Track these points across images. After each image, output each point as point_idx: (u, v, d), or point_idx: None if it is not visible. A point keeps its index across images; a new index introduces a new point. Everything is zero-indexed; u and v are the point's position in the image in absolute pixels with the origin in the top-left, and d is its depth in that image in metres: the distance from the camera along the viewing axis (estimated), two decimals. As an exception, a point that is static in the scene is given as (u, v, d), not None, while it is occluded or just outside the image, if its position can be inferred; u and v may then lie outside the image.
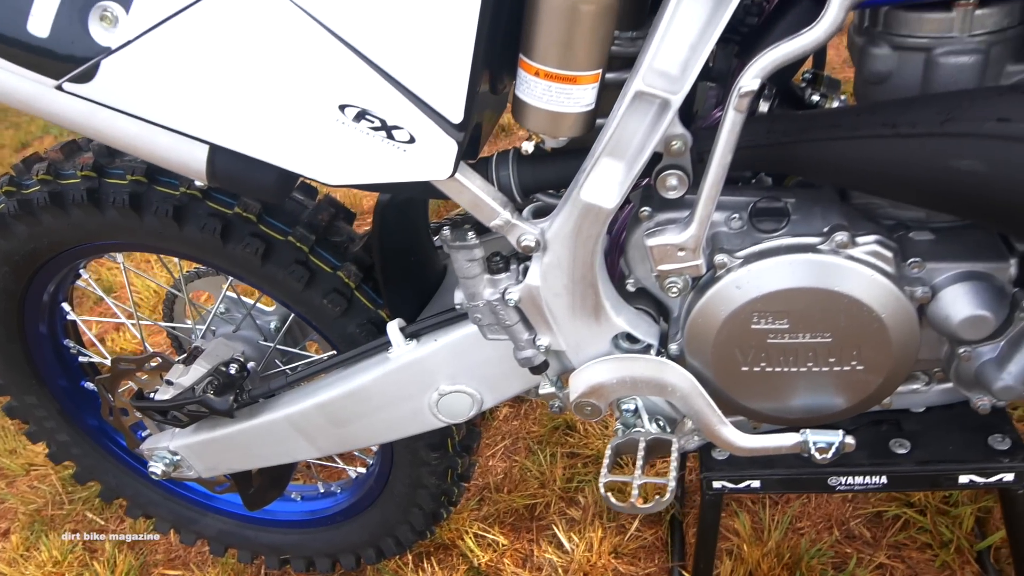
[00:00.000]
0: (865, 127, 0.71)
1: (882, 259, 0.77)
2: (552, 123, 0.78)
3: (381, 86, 0.74)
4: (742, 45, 0.83)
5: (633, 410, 0.94)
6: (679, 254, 0.80)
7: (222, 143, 0.77)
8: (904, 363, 0.82)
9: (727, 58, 0.87)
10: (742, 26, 0.85)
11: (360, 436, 1.09)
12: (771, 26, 0.78)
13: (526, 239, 0.84)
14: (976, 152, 0.65)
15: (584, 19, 0.72)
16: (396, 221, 1.01)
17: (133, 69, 0.74)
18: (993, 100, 0.66)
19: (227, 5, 0.71)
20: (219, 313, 1.34)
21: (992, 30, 0.74)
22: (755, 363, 0.84)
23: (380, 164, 0.78)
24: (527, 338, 0.92)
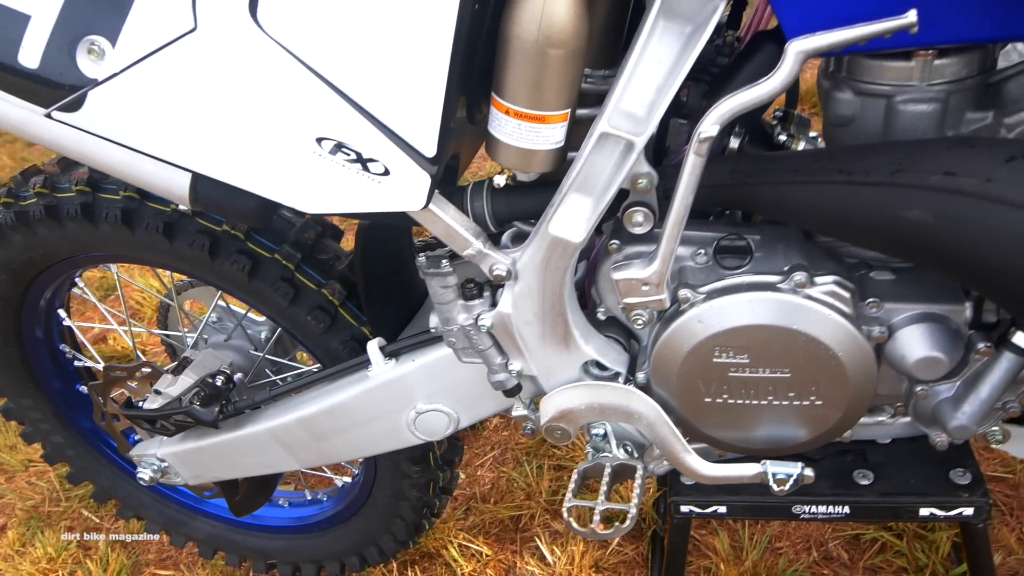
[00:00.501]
0: (822, 173, 0.74)
1: (839, 299, 0.80)
2: (523, 159, 0.81)
3: (357, 120, 0.77)
4: (711, 85, 0.86)
5: (602, 435, 0.97)
6: (643, 288, 0.83)
7: (204, 172, 0.81)
8: (862, 399, 0.84)
9: (699, 95, 0.89)
10: (713, 66, 0.88)
11: (340, 450, 1.12)
12: (737, 70, 0.81)
13: (498, 268, 0.87)
14: (923, 204, 0.68)
15: (552, 63, 0.75)
16: (378, 243, 1.04)
17: (118, 100, 0.78)
18: (941, 153, 0.69)
19: (209, 41, 0.74)
20: (211, 322, 1.38)
21: (951, 80, 0.76)
22: (717, 395, 0.87)
23: (356, 194, 0.81)
24: (500, 362, 0.95)
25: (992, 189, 0.65)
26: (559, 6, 0.72)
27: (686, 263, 0.87)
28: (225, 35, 0.74)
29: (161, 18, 0.74)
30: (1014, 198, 0.64)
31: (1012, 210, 0.64)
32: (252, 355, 1.35)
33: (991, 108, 0.80)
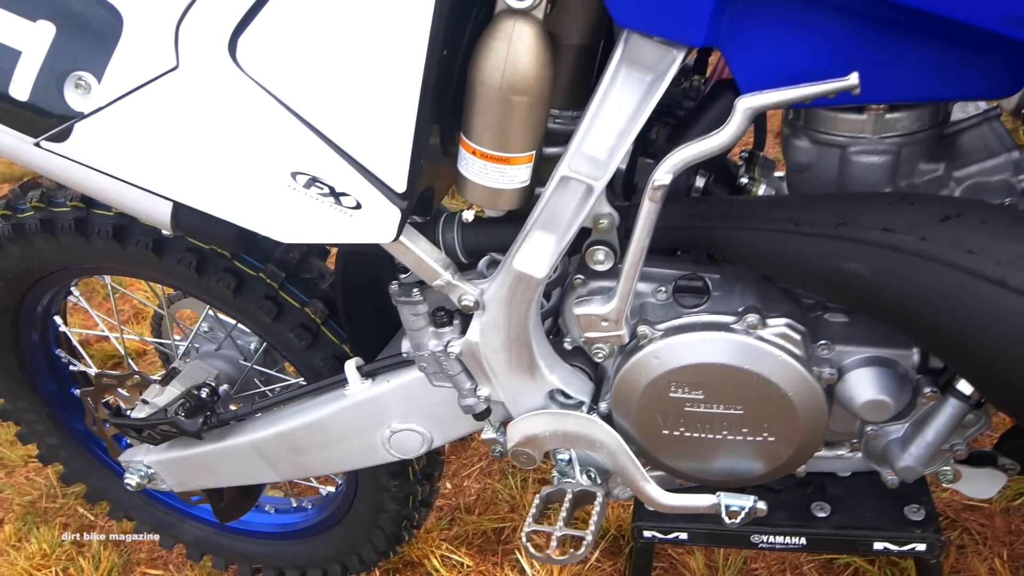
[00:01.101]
0: (772, 221, 0.77)
1: (790, 341, 0.83)
2: (490, 197, 0.85)
3: (330, 156, 0.81)
4: (674, 128, 0.89)
5: (567, 460, 1.01)
6: (603, 324, 0.86)
7: (184, 201, 0.85)
8: (814, 437, 0.87)
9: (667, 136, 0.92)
10: (679, 108, 0.91)
11: (318, 465, 1.16)
12: (697, 117, 0.84)
13: (466, 299, 0.91)
14: (863, 257, 0.71)
15: (516, 109, 0.78)
16: (358, 265, 1.08)
17: (104, 132, 0.82)
18: (882, 209, 0.72)
19: (190, 79, 0.78)
20: (202, 332, 1.42)
21: (902, 133, 0.80)
22: (674, 427, 0.90)
23: (329, 226, 0.85)
24: (469, 387, 0.99)
25: (925, 247, 0.68)
26: (523, 56, 0.76)
27: (647, 299, 0.90)
28: (205, 73, 0.78)
29: (145, 56, 0.79)
30: (945, 257, 0.67)
31: (943, 269, 0.67)
32: (241, 365, 1.39)
33: (943, 160, 0.83)
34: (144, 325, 2.35)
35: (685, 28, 0.71)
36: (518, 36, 0.75)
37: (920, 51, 0.68)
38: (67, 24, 0.79)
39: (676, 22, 0.70)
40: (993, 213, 0.69)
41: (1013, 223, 0.67)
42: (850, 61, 0.69)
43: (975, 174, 0.82)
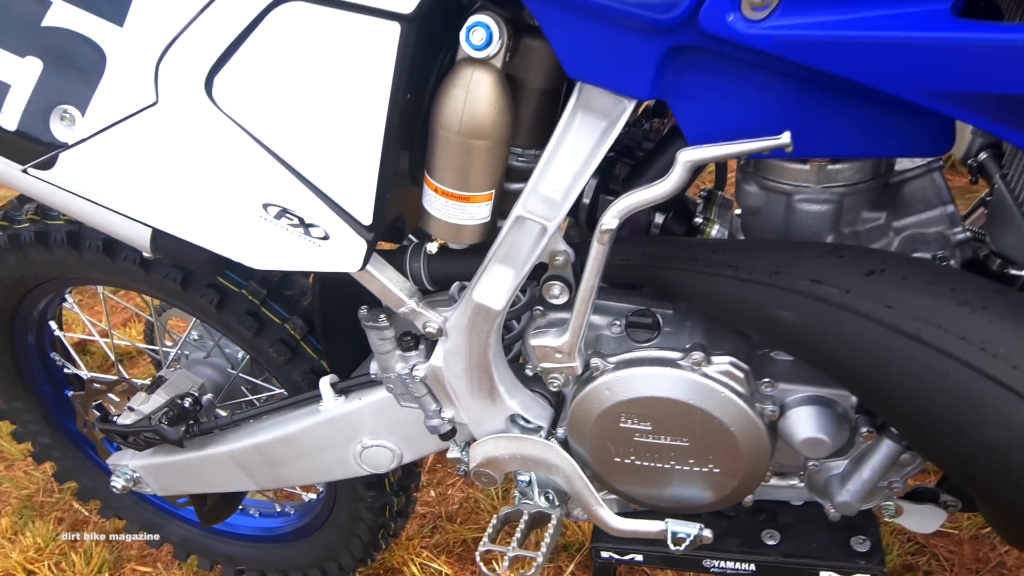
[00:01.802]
0: (714, 266, 0.81)
1: (733, 378, 0.87)
2: (452, 232, 0.89)
3: (300, 190, 0.86)
4: (632, 169, 0.93)
5: (527, 482, 1.05)
6: (556, 355, 0.91)
7: (162, 228, 0.90)
8: (757, 470, 0.91)
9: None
10: (638, 149, 0.96)
11: (293, 476, 1.22)
12: (650, 162, 0.88)
13: (430, 326, 0.95)
14: (793, 306, 0.75)
15: (475, 152, 0.83)
16: (334, 285, 1.13)
17: (87, 162, 0.87)
18: (813, 260, 0.76)
19: (168, 114, 0.84)
20: (192, 340, 1.48)
21: (844, 183, 0.83)
22: (625, 456, 0.95)
23: (298, 255, 0.90)
24: (434, 409, 1.03)
25: (849, 300, 0.72)
26: (480, 102, 0.80)
27: (602, 332, 0.94)
28: (183, 109, 0.84)
29: (126, 92, 0.84)
30: (866, 311, 0.71)
31: (864, 321, 0.71)
32: (229, 373, 1.45)
33: (885, 209, 0.86)
34: (142, 327, 2.41)
35: (631, 83, 0.75)
36: (476, 84, 0.80)
37: (853, 111, 0.72)
38: (54, 60, 0.84)
39: (622, 77, 0.75)
40: (915, 269, 0.73)
41: (932, 280, 0.71)
42: (787, 119, 0.73)
43: (913, 225, 0.85)
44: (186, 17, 0.80)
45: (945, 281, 0.71)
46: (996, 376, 0.67)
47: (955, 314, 0.69)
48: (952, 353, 0.68)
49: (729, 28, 0.66)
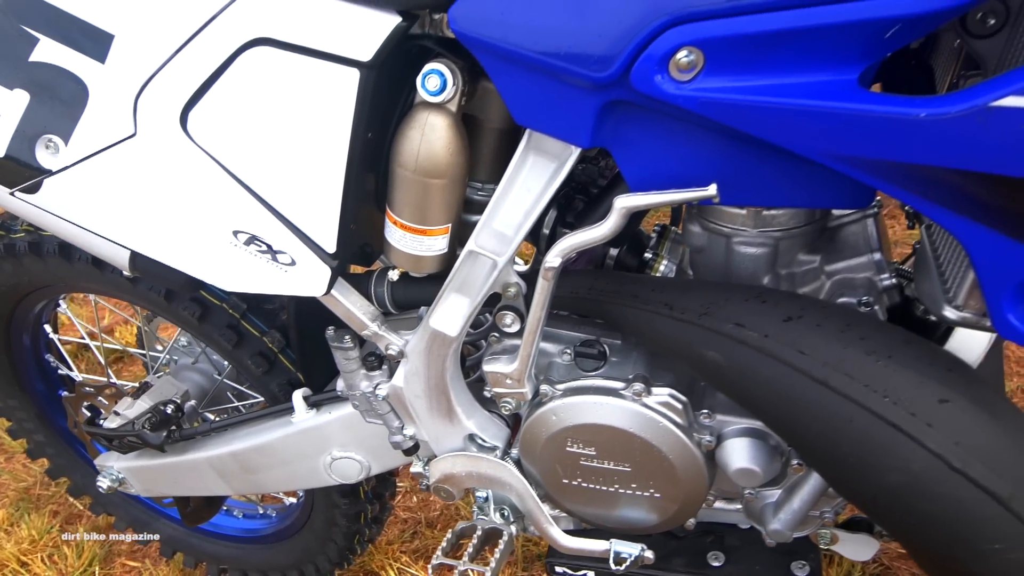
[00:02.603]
0: (652, 303, 0.86)
1: (672, 409, 0.92)
2: (411, 262, 0.95)
3: (268, 218, 0.92)
4: (585, 206, 0.98)
5: (485, 499, 1.11)
6: (507, 381, 0.96)
7: (139, 250, 0.96)
8: (695, 496, 0.96)
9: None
10: (593, 186, 1.01)
11: (267, 483, 1.28)
12: (600, 200, 0.93)
13: (391, 348, 1.01)
14: (718, 347, 0.80)
15: (431, 189, 0.88)
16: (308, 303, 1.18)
17: (69, 188, 0.94)
18: (739, 304, 0.81)
19: (145, 145, 0.90)
20: (181, 346, 1.54)
21: (779, 228, 0.88)
22: (572, 478, 1.00)
23: (266, 279, 0.96)
24: (397, 426, 1.09)
25: (767, 344, 0.77)
26: (435, 144, 0.86)
27: (554, 359, 1.00)
28: (159, 141, 0.90)
29: (107, 124, 0.90)
30: (782, 355, 0.76)
31: (780, 365, 0.76)
32: (215, 379, 1.51)
33: (820, 253, 0.91)
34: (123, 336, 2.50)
35: (573, 131, 0.80)
36: (431, 127, 0.86)
37: (776, 165, 0.77)
38: (40, 93, 0.90)
39: (565, 126, 0.80)
40: (830, 317, 0.78)
41: (845, 328, 0.76)
42: (716, 170, 0.78)
43: (843, 270, 0.90)
44: (163, 56, 0.86)
45: (856, 330, 0.76)
46: (896, 422, 0.71)
47: (862, 362, 0.74)
48: (856, 399, 0.73)
49: (657, 88, 0.71)
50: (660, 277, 0.96)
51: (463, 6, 0.76)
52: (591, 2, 0.71)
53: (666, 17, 0.68)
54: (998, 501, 0.70)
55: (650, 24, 0.69)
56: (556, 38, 0.73)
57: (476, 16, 0.76)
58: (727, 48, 0.68)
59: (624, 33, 0.70)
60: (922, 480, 0.71)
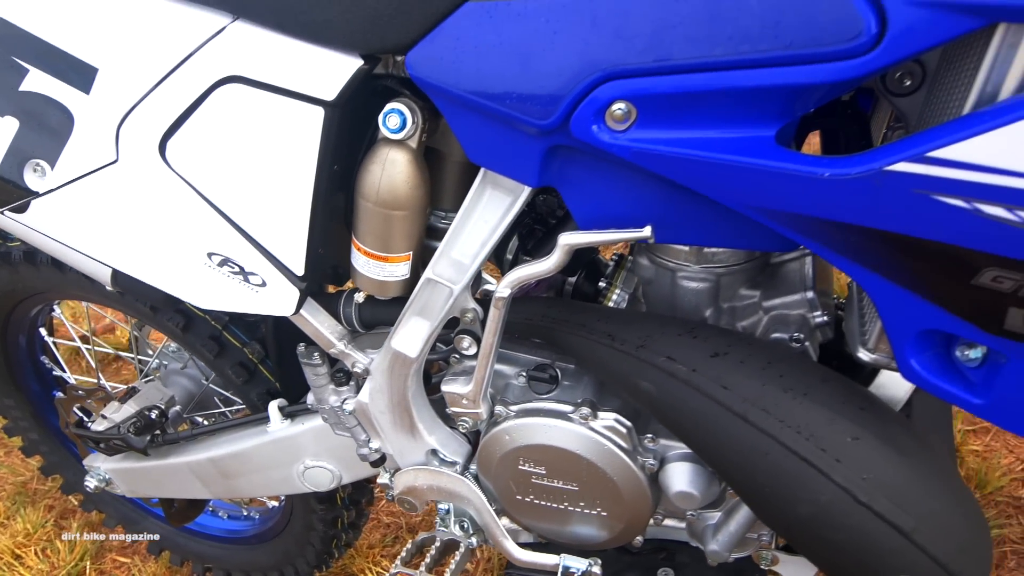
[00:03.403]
0: (595, 333, 0.92)
1: (617, 433, 0.97)
2: (375, 286, 1.01)
3: (241, 242, 0.98)
4: (544, 234, 1.04)
5: (446, 511, 1.17)
6: (463, 401, 1.02)
7: (120, 268, 1.03)
8: (640, 515, 1.02)
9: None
10: (552, 216, 1.06)
11: (243, 488, 1.34)
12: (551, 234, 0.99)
13: (357, 366, 1.07)
14: (651, 379, 0.85)
15: (392, 220, 0.94)
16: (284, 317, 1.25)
17: (55, 209, 1.00)
18: (672, 338, 0.86)
19: (126, 171, 0.96)
20: (171, 351, 1.61)
21: (720, 265, 0.94)
22: (525, 495, 1.05)
23: (238, 299, 1.02)
24: (363, 439, 1.15)
25: (694, 378, 0.82)
26: (396, 179, 0.91)
27: (510, 381, 1.05)
28: (139, 167, 0.96)
29: (90, 150, 0.96)
30: (706, 389, 0.81)
31: (705, 399, 0.81)
32: (202, 384, 1.58)
33: (760, 289, 0.96)
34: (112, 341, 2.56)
35: (521, 172, 0.86)
36: (391, 162, 0.91)
37: (708, 210, 0.82)
38: (28, 120, 0.97)
39: (514, 166, 0.86)
40: (753, 354, 0.83)
41: (766, 365, 0.81)
42: (654, 211, 0.84)
43: (779, 306, 0.95)
44: (144, 89, 0.92)
45: (776, 367, 0.81)
46: (806, 457, 0.77)
47: (778, 398, 0.79)
48: (771, 434, 0.78)
49: (594, 137, 0.76)
50: (607, 308, 1.01)
51: (420, 53, 0.82)
52: (534, 55, 0.77)
53: (600, 73, 0.74)
54: (902, 534, 0.75)
55: (586, 78, 0.74)
56: (503, 87, 0.79)
57: (432, 63, 0.82)
58: (656, 103, 0.73)
59: (563, 85, 0.76)
60: (830, 512, 0.76)
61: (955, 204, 0.62)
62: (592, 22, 0.73)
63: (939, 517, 0.76)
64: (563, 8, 0.74)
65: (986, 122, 0.59)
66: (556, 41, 0.75)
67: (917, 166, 0.62)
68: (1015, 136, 0.58)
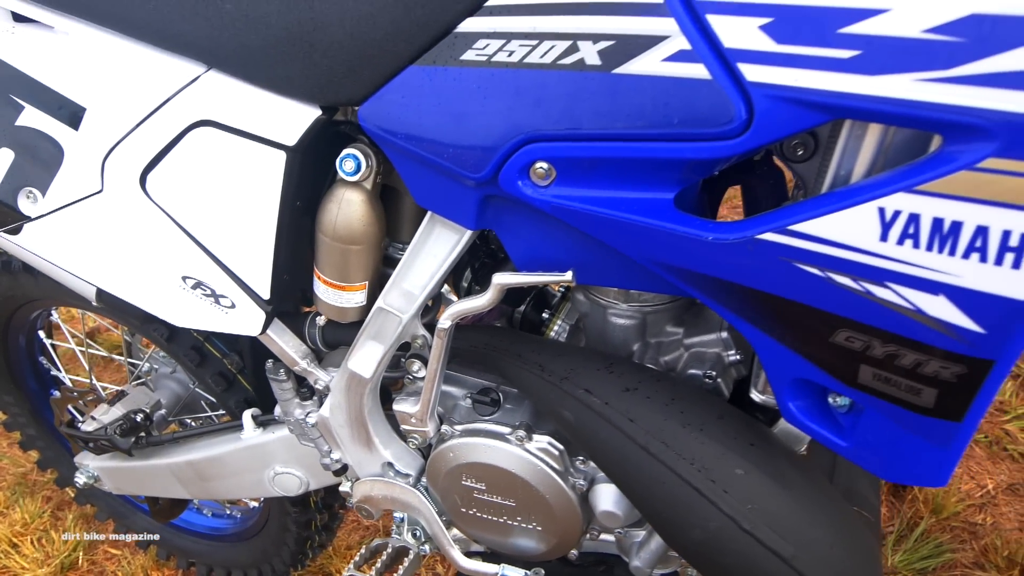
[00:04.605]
0: (527, 364, 1.02)
1: (549, 455, 1.07)
2: (335, 312, 1.12)
3: (212, 267, 1.08)
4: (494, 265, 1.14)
5: (401, 519, 1.27)
6: (412, 420, 1.12)
7: (103, 287, 1.14)
8: (571, 531, 1.12)
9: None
10: (501, 251, 1.16)
11: (219, 491, 1.45)
12: (498, 268, 1.09)
13: (318, 384, 1.18)
14: (571, 408, 0.95)
15: (348, 254, 1.04)
16: (262, 333, 1.36)
17: (45, 232, 1.11)
18: (591, 372, 0.96)
19: (110, 200, 1.07)
20: (161, 356, 1.72)
21: (646, 304, 1.03)
22: (469, 508, 1.16)
23: (210, 318, 1.13)
24: (326, 450, 1.26)
25: (606, 410, 0.92)
26: (351, 217, 1.02)
27: (459, 402, 1.16)
28: (122, 197, 1.07)
29: (78, 180, 1.08)
30: (616, 422, 0.91)
31: (614, 430, 0.91)
32: (190, 388, 1.69)
33: (684, 326, 1.06)
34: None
35: (460, 216, 0.96)
36: (347, 202, 1.02)
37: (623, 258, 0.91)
38: (23, 152, 1.08)
39: (454, 211, 0.96)
40: (660, 390, 0.92)
41: (669, 401, 0.91)
42: (578, 256, 0.93)
43: (697, 344, 1.04)
44: (127, 128, 1.03)
45: (679, 403, 0.91)
46: (698, 487, 0.86)
47: (677, 432, 0.88)
48: (669, 464, 0.87)
49: (519, 191, 0.86)
50: (542, 339, 1.11)
51: (370, 108, 0.92)
52: (468, 116, 0.87)
53: (523, 135, 0.83)
54: (782, 560, 0.85)
55: (511, 139, 0.84)
56: (442, 142, 0.89)
57: (380, 117, 0.92)
58: (571, 164, 0.83)
59: (492, 144, 0.85)
60: (718, 538, 0.86)
61: (812, 272, 0.71)
62: (516, 92, 0.83)
63: (819, 546, 0.86)
64: (492, 77, 0.84)
65: (834, 203, 0.68)
66: (486, 105, 0.85)
67: (781, 237, 0.72)
68: (855, 218, 0.67)
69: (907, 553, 1.75)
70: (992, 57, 0.58)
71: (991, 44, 0.57)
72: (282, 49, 0.92)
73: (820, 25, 0.64)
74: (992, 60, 0.58)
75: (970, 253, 0.63)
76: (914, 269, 0.65)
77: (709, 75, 0.71)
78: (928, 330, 0.67)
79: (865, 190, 0.67)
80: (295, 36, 0.91)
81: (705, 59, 0.70)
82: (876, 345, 0.71)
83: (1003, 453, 2.00)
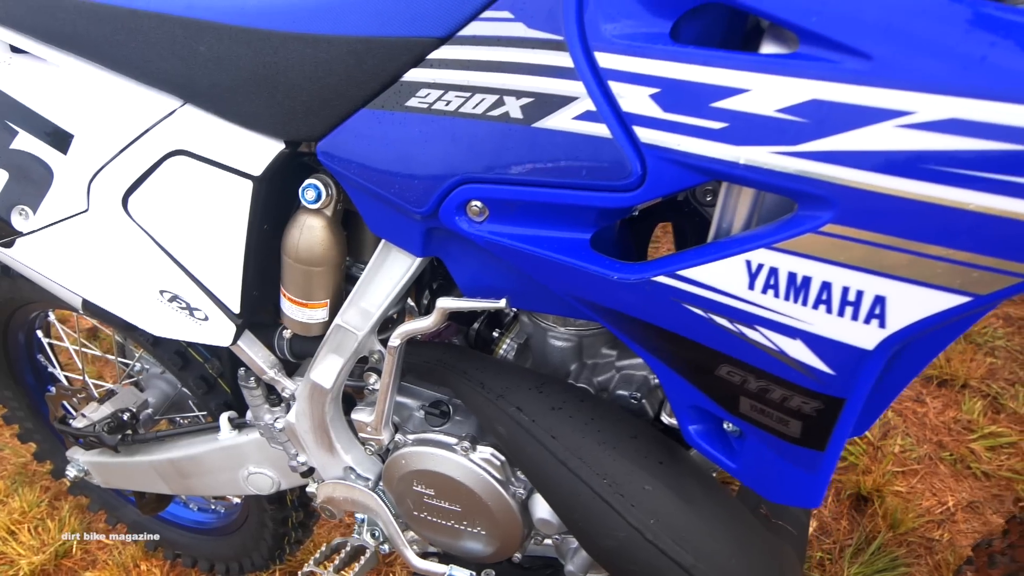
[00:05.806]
0: (470, 381, 1.12)
1: (492, 465, 1.17)
2: (299, 327, 1.22)
3: (187, 283, 1.20)
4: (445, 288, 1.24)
5: (362, 520, 1.38)
6: (368, 429, 1.23)
7: (88, 298, 1.26)
8: (513, 536, 1.22)
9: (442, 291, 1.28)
10: (457, 273, 1.26)
11: (197, 488, 1.57)
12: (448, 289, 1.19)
13: (285, 392, 1.29)
14: (504, 424, 1.05)
15: (310, 275, 1.15)
16: (240, 342, 1.47)
17: (36, 247, 1.23)
18: (524, 391, 1.06)
19: (94, 219, 1.18)
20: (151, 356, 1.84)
21: (582, 328, 1.13)
22: (420, 512, 1.26)
23: (186, 329, 1.24)
24: (293, 453, 1.37)
25: (533, 427, 1.02)
26: (312, 241, 1.12)
27: (413, 413, 1.26)
28: (106, 217, 1.18)
29: (66, 200, 1.19)
30: (540, 438, 1.01)
31: (539, 446, 1.01)
32: (178, 388, 1.81)
33: (617, 349, 1.16)
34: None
35: (409, 244, 1.06)
36: (308, 227, 1.12)
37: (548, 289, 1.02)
38: (16, 173, 1.20)
39: (403, 240, 1.06)
40: (581, 410, 1.02)
41: (589, 421, 1.01)
42: (511, 285, 1.03)
43: (627, 367, 1.14)
44: (111, 153, 1.15)
45: (597, 423, 1.01)
46: (608, 500, 0.96)
47: (593, 450, 0.98)
48: (584, 479, 0.97)
49: (457, 225, 0.96)
50: (487, 358, 1.21)
51: (327, 144, 1.02)
52: (411, 157, 0.97)
53: (459, 176, 0.93)
54: (683, 569, 0.94)
55: (448, 179, 0.94)
56: (389, 178, 0.99)
57: (336, 152, 1.02)
58: (501, 204, 0.93)
59: (432, 183, 0.96)
60: (627, 547, 0.96)
61: (697, 312, 0.81)
62: (452, 138, 0.93)
63: (719, 557, 0.95)
64: (432, 123, 0.94)
65: (713, 253, 0.78)
66: (427, 147, 0.95)
67: (672, 280, 0.82)
68: (729, 268, 0.77)
69: (863, 566, 1.84)
70: (830, 137, 0.67)
71: (829, 126, 0.67)
72: (249, 89, 1.03)
73: (696, 98, 0.74)
74: (830, 140, 0.67)
75: (818, 304, 0.72)
76: (776, 315, 0.75)
77: (610, 134, 0.80)
78: (790, 369, 0.77)
79: (737, 243, 0.76)
80: (261, 78, 1.01)
81: (607, 120, 0.80)
82: (751, 380, 0.81)
83: (967, 471, 2.08)
